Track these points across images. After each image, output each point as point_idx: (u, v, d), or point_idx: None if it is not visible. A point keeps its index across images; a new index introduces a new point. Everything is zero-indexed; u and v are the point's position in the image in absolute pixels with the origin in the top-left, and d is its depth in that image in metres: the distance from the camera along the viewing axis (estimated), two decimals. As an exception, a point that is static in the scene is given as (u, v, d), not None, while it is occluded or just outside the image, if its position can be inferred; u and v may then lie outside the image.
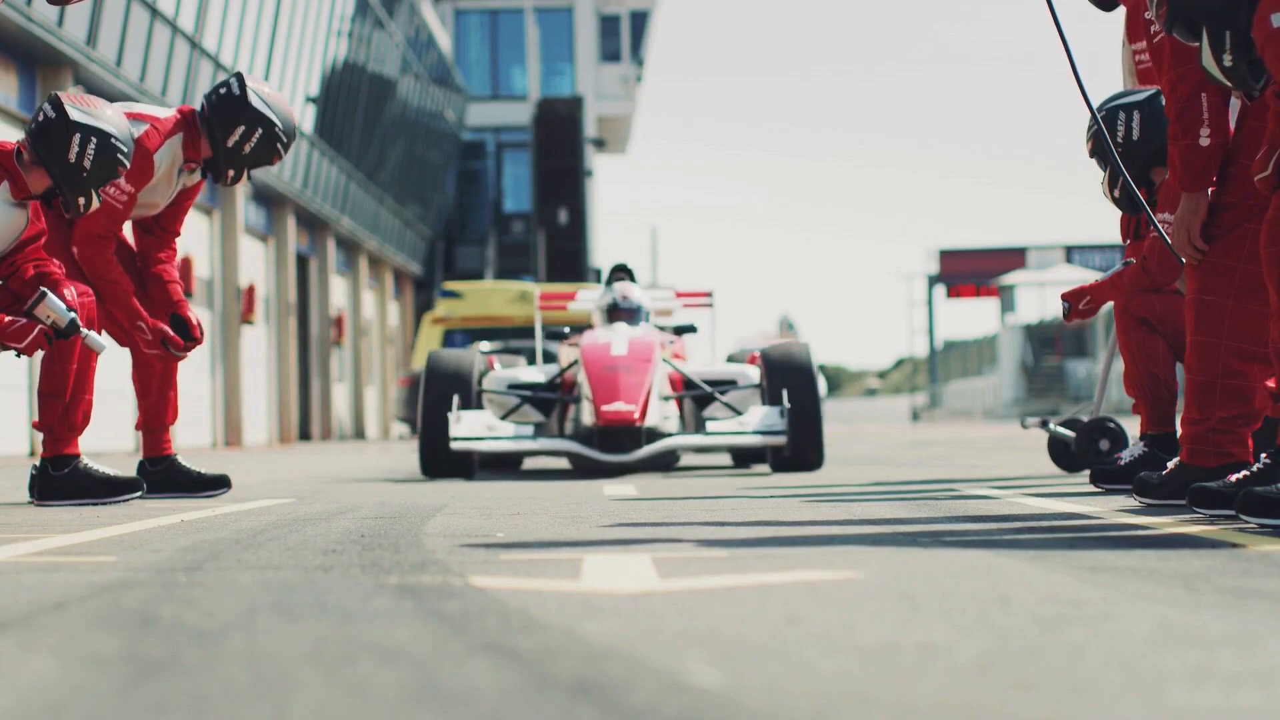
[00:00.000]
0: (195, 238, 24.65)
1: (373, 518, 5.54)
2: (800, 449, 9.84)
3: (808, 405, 9.86)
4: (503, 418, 10.24)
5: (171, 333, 7.35)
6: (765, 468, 10.82)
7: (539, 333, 12.31)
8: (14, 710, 1.93)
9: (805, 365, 10.04)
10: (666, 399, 10.29)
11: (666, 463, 10.93)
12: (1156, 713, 1.86)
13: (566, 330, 11.16)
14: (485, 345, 14.26)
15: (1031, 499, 6.00)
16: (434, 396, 9.89)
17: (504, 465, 11.91)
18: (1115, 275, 7.17)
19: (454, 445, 9.62)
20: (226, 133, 7.28)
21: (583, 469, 10.46)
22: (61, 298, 6.49)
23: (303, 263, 32.45)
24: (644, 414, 9.79)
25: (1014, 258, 59.27)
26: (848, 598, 2.92)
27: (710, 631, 2.51)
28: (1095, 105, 6.76)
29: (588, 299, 12.16)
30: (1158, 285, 6.90)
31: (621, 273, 11.79)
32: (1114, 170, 6.63)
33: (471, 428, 9.76)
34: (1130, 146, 6.53)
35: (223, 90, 7.34)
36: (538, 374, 10.70)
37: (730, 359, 13.73)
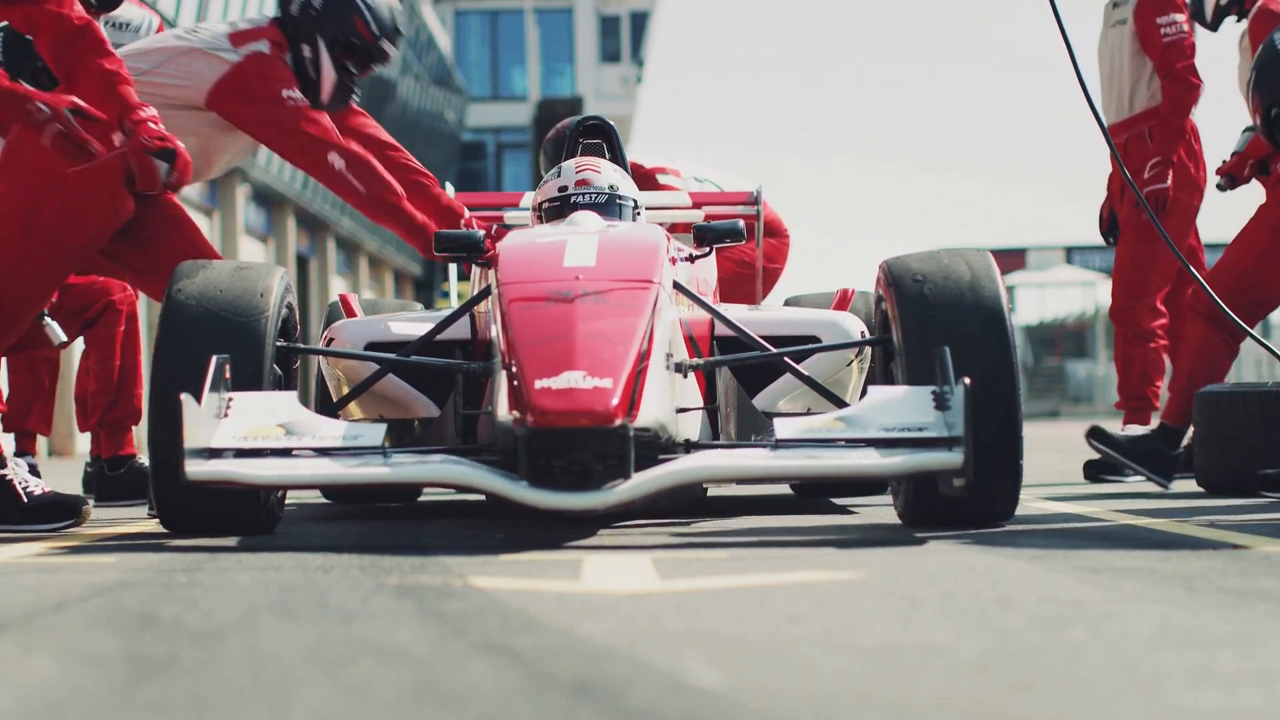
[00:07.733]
0: (195, 238, 24.60)
1: (370, 519, 5.56)
2: (986, 481, 4.34)
3: (1002, 387, 4.44)
4: (336, 405, 5.28)
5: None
6: (864, 505, 5.79)
7: (454, 278, 7.30)
8: (14, 710, 1.93)
9: (991, 303, 4.57)
10: (680, 368, 4.72)
11: (681, 500, 5.44)
12: (1156, 713, 1.87)
13: (478, 235, 5.31)
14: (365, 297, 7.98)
15: (1032, 499, 6.00)
16: (168, 370, 4.51)
17: (391, 495, 6.67)
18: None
19: (191, 471, 4.09)
20: None
21: (518, 511, 4.35)
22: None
23: (303, 263, 32.45)
24: (632, 402, 4.12)
25: (1014, 259, 59.21)
26: (848, 598, 2.92)
27: (710, 631, 2.51)
28: None
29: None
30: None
31: (592, 137, 6.34)
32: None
33: (242, 430, 4.27)
34: None
35: None
36: (425, 325, 5.48)
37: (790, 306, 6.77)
